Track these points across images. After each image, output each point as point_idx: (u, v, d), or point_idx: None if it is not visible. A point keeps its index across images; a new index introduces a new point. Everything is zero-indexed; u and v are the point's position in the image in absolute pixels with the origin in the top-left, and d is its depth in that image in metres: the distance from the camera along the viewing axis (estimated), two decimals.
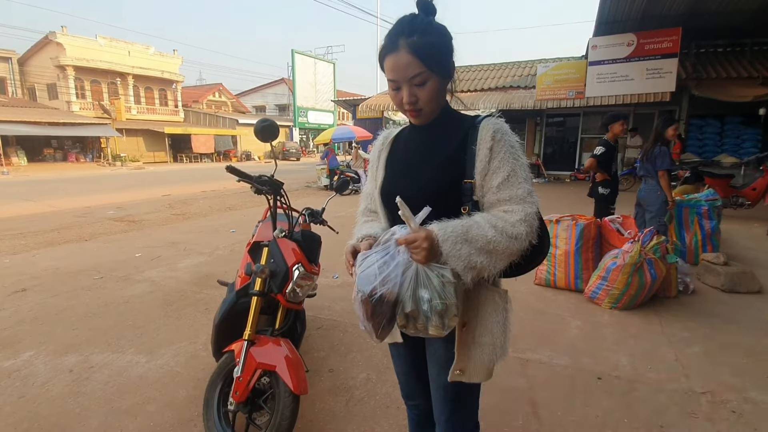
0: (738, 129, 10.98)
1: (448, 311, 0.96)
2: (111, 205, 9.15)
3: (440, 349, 1.13)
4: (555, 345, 2.74)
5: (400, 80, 1.03)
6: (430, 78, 1.02)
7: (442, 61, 1.05)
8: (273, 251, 1.89)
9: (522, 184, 1.01)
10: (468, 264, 0.96)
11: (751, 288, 3.61)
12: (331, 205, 2.39)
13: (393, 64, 1.02)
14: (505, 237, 0.96)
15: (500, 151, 1.02)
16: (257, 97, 41.02)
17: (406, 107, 1.06)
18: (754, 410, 2.06)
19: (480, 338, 1.08)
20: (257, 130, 1.78)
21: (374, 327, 1.00)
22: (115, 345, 2.80)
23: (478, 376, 1.10)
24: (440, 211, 1.01)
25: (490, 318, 1.09)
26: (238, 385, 1.72)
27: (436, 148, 1.10)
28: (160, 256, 4.92)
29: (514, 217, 0.98)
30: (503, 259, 0.99)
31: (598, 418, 2.02)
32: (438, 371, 1.15)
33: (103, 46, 25.76)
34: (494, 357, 1.09)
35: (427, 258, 0.95)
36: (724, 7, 9.22)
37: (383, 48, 1.05)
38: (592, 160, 4.30)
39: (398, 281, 0.96)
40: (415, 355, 1.25)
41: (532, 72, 13.94)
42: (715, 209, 4.52)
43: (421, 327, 0.99)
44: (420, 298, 0.96)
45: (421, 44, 1.00)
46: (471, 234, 0.96)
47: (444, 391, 1.15)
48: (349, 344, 2.77)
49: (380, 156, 1.22)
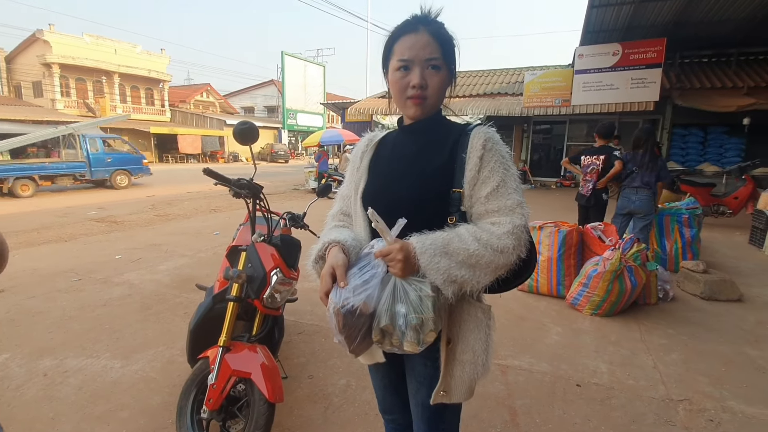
0: (721, 138, 11.24)
1: (424, 326, 0.92)
2: (93, 205, 8.97)
3: (419, 365, 1.09)
4: (536, 351, 2.74)
5: (415, 59, 1.00)
6: (443, 68, 1.02)
7: (452, 59, 1.05)
8: (251, 256, 1.86)
9: (512, 195, 0.97)
10: (448, 278, 0.91)
11: (731, 296, 3.68)
12: (316, 208, 2.36)
13: (411, 43, 1.00)
14: (490, 250, 0.92)
15: (490, 160, 0.99)
16: (246, 98, 40.71)
17: (412, 92, 1.01)
18: (732, 420, 2.08)
19: (461, 355, 1.03)
20: (236, 132, 1.76)
21: (347, 340, 0.96)
22: (90, 349, 2.73)
23: (459, 395, 1.05)
24: (426, 220, 0.97)
25: (472, 334, 1.04)
26: (212, 393, 1.68)
27: (424, 154, 1.06)
28: (140, 258, 4.82)
29: (501, 230, 0.94)
30: (488, 273, 0.94)
31: (576, 426, 2.02)
32: (417, 388, 1.11)
33: (89, 44, 25.36)
34: (475, 375, 1.04)
35: (404, 270, 0.92)
36: (709, 17, 9.44)
37: (398, 29, 1.03)
38: (619, 166, 4.15)
39: (375, 294, 0.92)
40: (392, 370, 1.20)
41: (519, 79, 14.11)
42: (695, 217, 4.61)
43: (396, 342, 0.95)
44: (396, 313, 0.93)
45: (441, 33, 1.01)
46: (452, 247, 0.92)
47: (422, 409, 1.11)
48: (331, 350, 2.74)
49: (363, 159, 1.17)
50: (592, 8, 9.32)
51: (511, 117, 12.83)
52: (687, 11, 9.24)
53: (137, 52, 28.01)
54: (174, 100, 32.68)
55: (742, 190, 7.23)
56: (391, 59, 1.04)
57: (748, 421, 2.07)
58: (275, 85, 37.04)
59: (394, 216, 0.94)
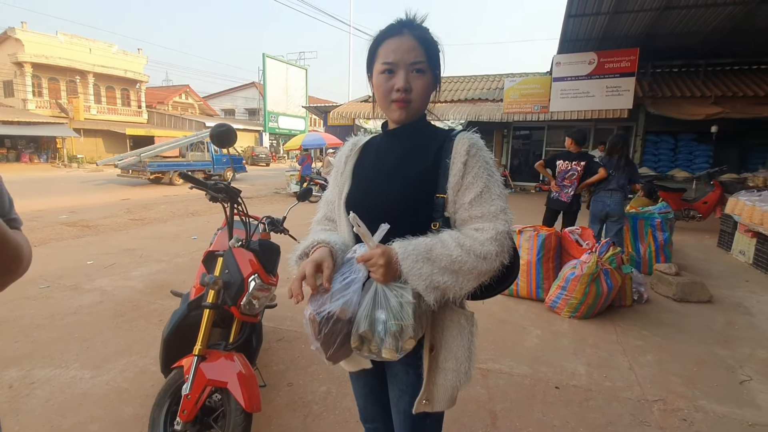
0: (691, 145, 11.68)
1: (403, 333, 0.91)
2: (64, 208, 8.64)
3: (401, 373, 1.07)
4: (516, 354, 2.77)
5: (399, 63, 1.00)
6: (428, 72, 1.02)
7: (437, 64, 1.05)
8: (228, 261, 1.81)
9: (495, 201, 0.97)
10: (430, 284, 0.91)
11: (702, 297, 3.80)
12: (298, 212, 2.33)
13: (396, 46, 1.00)
14: (473, 256, 0.92)
15: (474, 166, 0.99)
16: (226, 100, 40.14)
17: (397, 95, 1.01)
18: (704, 419, 2.14)
19: (444, 363, 1.02)
20: (213, 135, 1.72)
21: (324, 347, 0.94)
22: (59, 359, 2.61)
23: (442, 404, 1.04)
24: (409, 225, 0.97)
25: (454, 341, 1.02)
26: (186, 404, 1.62)
27: (408, 159, 1.05)
28: (114, 264, 4.67)
29: (485, 236, 0.94)
30: (471, 279, 0.94)
31: (555, 428, 2.04)
32: (399, 396, 1.09)
33: (63, 43, 24.59)
34: (458, 383, 1.02)
35: (385, 276, 0.91)
36: (679, 29, 9.84)
37: (383, 33, 1.03)
38: (605, 172, 4.30)
39: (353, 299, 0.91)
40: (375, 378, 1.18)
41: (499, 85, 14.37)
42: (667, 221, 4.76)
43: (374, 349, 0.93)
44: (375, 319, 0.91)
45: (426, 37, 1.02)
46: (434, 253, 0.91)
47: (404, 417, 1.09)
48: (311, 356, 2.70)
49: (347, 163, 1.15)
50: (569, 18, 9.59)
51: (492, 122, 13.04)
52: (658, 23, 9.61)
53: (113, 52, 27.31)
54: (151, 102, 31.93)
55: (711, 195, 7.52)
56: (376, 62, 1.03)
57: (719, 420, 2.14)
58: (256, 88, 36.67)
59: (377, 220, 0.93)
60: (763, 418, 2.16)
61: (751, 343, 3.00)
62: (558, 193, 4.51)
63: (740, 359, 2.77)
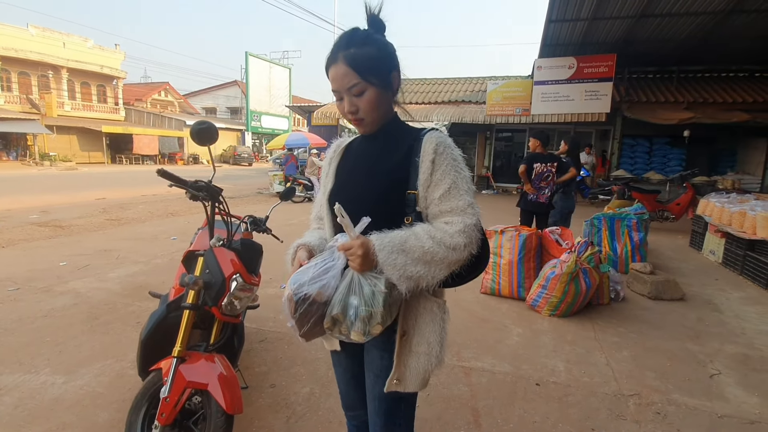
0: (665, 149, 12.08)
1: (372, 319, 0.98)
2: (35, 208, 8.33)
3: (376, 358, 1.13)
4: (497, 353, 2.81)
5: (341, 90, 1.07)
6: (368, 88, 1.06)
7: (379, 73, 1.07)
8: (209, 261, 1.78)
9: (463, 196, 1.03)
10: (403, 273, 0.97)
11: (674, 295, 3.93)
12: (282, 212, 2.32)
13: (333, 75, 1.07)
14: (443, 247, 0.98)
15: (442, 163, 1.04)
16: (207, 98, 39.42)
17: (350, 117, 1.10)
18: (676, 412, 2.21)
19: (417, 347, 1.09)
20: (193, 132, 1.69)
21: (298, 325, 1.01)
22: (28, 364, 2.51)
23: (414, 385, 1.11)
24: (383, 220, 1.02)
25: (427, 327, 1.10)
26: (165, 407, 1.58)
27: (381, 158, 1.13)
28: (88, 265, 4.52)
29: (454, 228, 1.00)
30: (442, 269, 1.00)
31: (536, 424, 2.08)
32: (374, 381, 1.15)
33: (34, 36, 23.65)
34: (429, 366, 1.10)
35: (362, 265, 0.97)
36: (654, 36, 10.19)
37: (327, 60, 1.10)
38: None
39: (332, 284, 0.99)
40: (355, 365, 1.24)
41: (483, 88, 14.55)
42: (643, 222, 4.90)
43: (344, 331, 1.01)
44: (348, 304, 0.99)
45: (357, 56, 1.04)
46: (408, 244, 0.98)
47: (378, 402, 1.15)
48: (294, 357, 2.67)
49: (331, 164, 1.25)
50: (549, 23, 9.79)
51: (475, 124, 13.20)
52: (635, 30, 9.91)
53: (88, 47, 26.44)
54: (129, 99, 31.08)
55: (684, 197, 7.79)
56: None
57: (690, 412, 2.21)
58: (239, 86, 36.14)
59: (354, 213, 1.00)
60: (730, 410, 2.25)
61: (719, 339, 3.12)
62: (535, 195, 4.57)
63: (710, 354, 2.88)
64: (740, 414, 2.21)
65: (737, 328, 3.34)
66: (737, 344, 3.04)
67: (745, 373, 2.64)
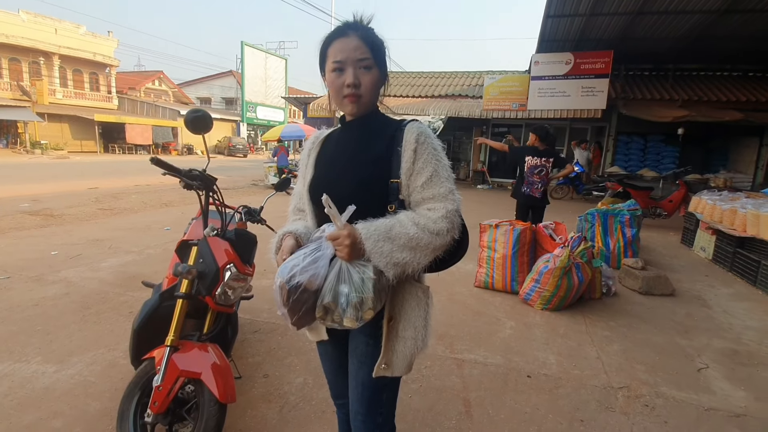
0: (659, 146, 12.14)
1: (363, 304, 1.00)
2: (26, 197, 8.23)
3: (361, 344, 1.15)
4: (490, 345, 2.83)
5: (347, 60, 1.07)
6: (374, 68, 1.10)
7: (382, 61, 1.13)
8: (203, 251, 1.77)
9: (444, 183, 1.07)
10: (390, 260, 1.01)
11: (665, 291, 3.98)
12: (276, 204, 2.30)
13: (342, 46, 1.08)
14: (427, 233, 1.02)
15: (423, 153, 1.08)
16: (203, 88, 38.98)
17: (347, 90, 1.08)
18: (664, 404, 2.25)
19: (403, 332, 1.13)
20: (188, 120, 1.67)
21: (290, 313, 1.03)
22: (18, 353, 2.49)
23: (400, 369, 1.14)
24: (367, 208, 1.05)
25: (413, 312, 1.13)
26: (158, 395, 1.58)
27: (364, 147, 1.15)
28: (80, 255, 4.48)
29: (436, 215, 1.04)
30: (427, 254, 1.04)
31: (526, 415, 2.11)
32: (358, 367, 1.17)
33: (25, 22, 23.21)
34: (415, 350, 1.13)
35: (350, 255, 1.00)
36: (650, 34, 10.20)
37: (329, 36, 1.11)
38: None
39: (321, 274, 1.01)
40: (341, 354, 1.26)
41: (479, 82, 14.49)
42: (635, 218, 4.94)
43: (337, 319, 1.03)
44: (339, 293, 1.01)
45: (370, 36, 1.09)
46: (393, 232, 1.01)
47: (362, 389, 1.17)
48: (288, 348, 2.68)
49: (310, 155, 1.25)
50: (547, 18, 9.76)
51: (471, 119, 13.15)
52: (631, 27, 9.91)
53: (81, 33, 26.00)
54: (122, 87, 30.66)
55: (676, 194, 7.86)
56: (327, 62, 1.11)
57: (678, 405, 2.25)
58: (234, 76, 35.76)
59: (337, 203, 1.02)
60: (717, 403, 2.29)
61: (708, 334, 3.17)
62: (528, 188, 4.56)
63: (698, 348, 2.92)
64: (726, 407, 2.25)
65: (725, 323, 3.39)
66: (725, 339, 3.09)
67: (732, 367, 2.69)
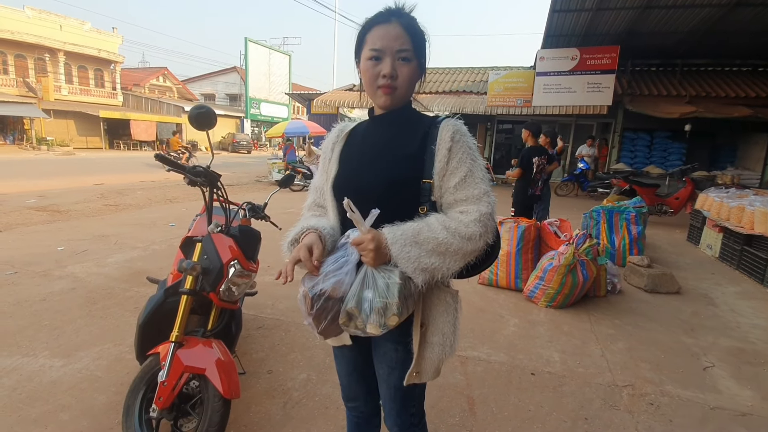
0: (665, 143, 12.01)
1: (387, 310, 0.95)
2: (32, 192, 8.29)
3: (390, 351, 1.12)
4: (494, 342, 2.83)
5: (386, 50, 1.02)
6: (413, 60, 1.04)
7: (423, 53, 1.07)
8: (207, 247, 1.78)
9: (479, 185, 1.01)
10: (418, 266, 0.96)
11: (671, 289, 3.95)
12: (280, 200, 2.30)
13: (383, 33, 1.02)
14: (458, 238, 0.96)
15: (458, 151, 1.02)
16: (206, 84, 39.02)
17: (383, 81, 1.03)
18: (669, 403, 2.24)
19: (431, 338, 1.08)
20: (192, 116, 1.67)
21: (315, 322, 1.00)
22: (26, 347, 2.52)
23: (428, 375, 1.11)
24: (395, 208, 1.00)
25: (441, 318, 1.09)
26: (162, 391, 1.59)
27: (395, 144, 1.08)
28: (86, 250, 4.52)
29: (469, 218, 0.98)
30: (457, 260, 0.98)
31: (530, 412, 2.10)
32: (389, 372, 1.14)
33: (31, 18, 23.27)
34: (444, 356, 1.09)
35: (375, 260, 0.95)
36: (658, 29, 10.07)
37: (371, 20, 1.05)
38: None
39: (347, 281, 0.96)
40: (359, 357, 1.22)
41: (484, 78, 14.39)
42: (641, 215, 4.91)
43: (360, 325, 0.99)
44: (363, 298, 0.97)
45: (413, 26, 1.04)
46: (421, 236, 0.96)
47: (395, 391, 1.15)
48: (291, 344, 2.69)
49: (334, 149, 1.17)
50: (553, 13, 9.66)
51: (476, 115, 13.08)
52: (638, 22, 9.79)
53: (85, 30, 26.06)
54: (127, 83, 30.76)
55: (683, 192, 7.78)
56: (364, 49, 1.05)
57: (683, 403, 2.24)
58: (238, 73, 35.74)
59: (364, 203, 0.96)
60: (723, 402, 2.27)
61: (714, 332, 3.14)
62: (533, 189, 4.64)
63: (704, 347, 2.90)
64: (732, 406, 2.24)
65: (732, 321, 3.36)
66: (731, 338, 3.07)
67: (739, 366, 2.67)
